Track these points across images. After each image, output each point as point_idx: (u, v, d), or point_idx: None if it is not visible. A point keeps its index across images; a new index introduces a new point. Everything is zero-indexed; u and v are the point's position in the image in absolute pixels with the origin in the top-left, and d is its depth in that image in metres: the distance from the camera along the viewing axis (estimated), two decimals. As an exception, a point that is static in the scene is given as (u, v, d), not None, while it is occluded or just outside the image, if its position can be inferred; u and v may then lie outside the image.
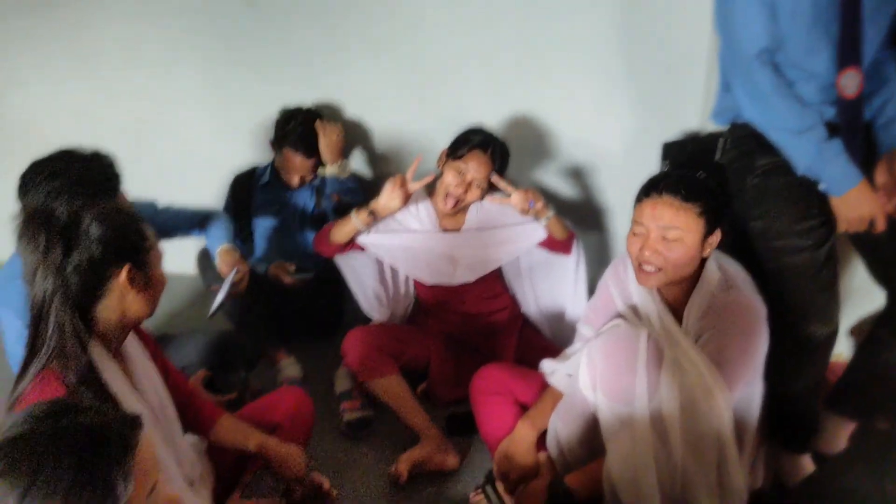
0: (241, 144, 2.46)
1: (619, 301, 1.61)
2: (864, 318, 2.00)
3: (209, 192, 2.35)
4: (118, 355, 1.22)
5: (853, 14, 1.33)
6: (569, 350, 1.67)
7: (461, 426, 1.90)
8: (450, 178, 1.91)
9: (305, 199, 2.32)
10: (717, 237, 1.45)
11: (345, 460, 1.85)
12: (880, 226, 1.36)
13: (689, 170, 1.56)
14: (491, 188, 1.97)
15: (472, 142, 1.91)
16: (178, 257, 2.28)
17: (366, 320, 2.07)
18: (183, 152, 2.58)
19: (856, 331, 2.10)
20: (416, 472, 1.75)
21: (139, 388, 1.24)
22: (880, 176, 1.42)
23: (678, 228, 1.39)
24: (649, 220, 1.42)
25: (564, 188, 2.33)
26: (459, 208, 1.96)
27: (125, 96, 2.52)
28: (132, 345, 1.28)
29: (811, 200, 1.42)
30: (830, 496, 1.16)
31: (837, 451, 1.59)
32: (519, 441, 1.59)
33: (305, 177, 2.27)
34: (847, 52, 1.36)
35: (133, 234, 1.16)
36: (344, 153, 2.27)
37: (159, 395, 1.31)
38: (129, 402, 1.18)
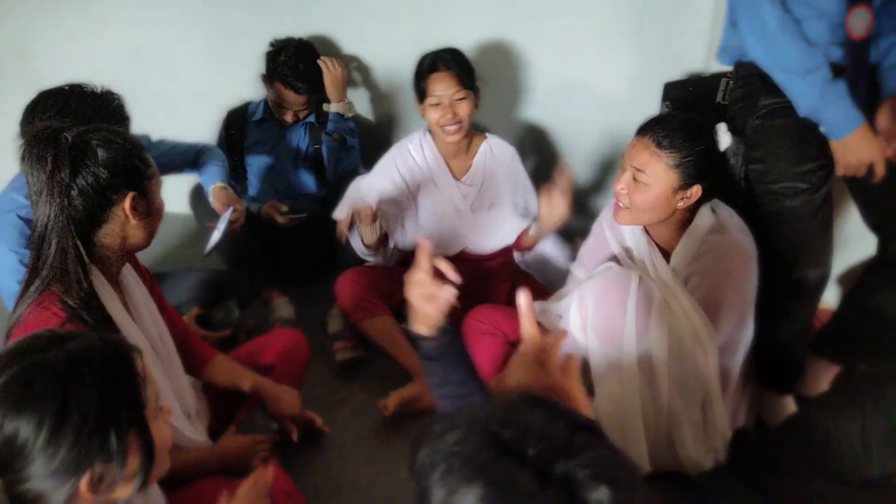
0: (236, 78, 2.38)
1: (613, 243, 1.61)
2: (853, 265, 2.01)
3: (203, 127, 2.31)
4: (116, 284, 1.22)
5: None
6: (561, 291, 1.68)
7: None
8: (433, 116, 1.85)
9: (300, 138, 2.28)
10: (695, 193, 1.43)
11: (337, 399, 1.88)
12: (880, 171, 1.35)
13: (691, 113, 1.54)
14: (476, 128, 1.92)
15: (423, 73, 1.84)
16: (170, 195, 2.27)
17: (359, 262, 2.06)
18: (176, 85, 2.51)
19: (844, 279, 2.11)
20: (404, 409, 1.78)
21: (137, 318, 1.25)
22: (882, 120, 1.39)
23: (646, 173, 1.41)
24: (629, 157, 1.46)
25: (566, 131, 2.29)
26: (464, 132, 1.88)
27: (118, 25, 2.44)
28: (130, 275, 1.28)
29: (811, 143, 1.40)
30: (812, 435, 1.19)
31: (819, 393, 1.62)
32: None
33: (299, 113, 2.22)
34: None
35: (138, 161, 1.15)
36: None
37: (158, 327, 1.32)
38: (129, 330, 1.20)
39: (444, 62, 1.82)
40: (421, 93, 1.85)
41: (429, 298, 1.00)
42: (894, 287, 1.50)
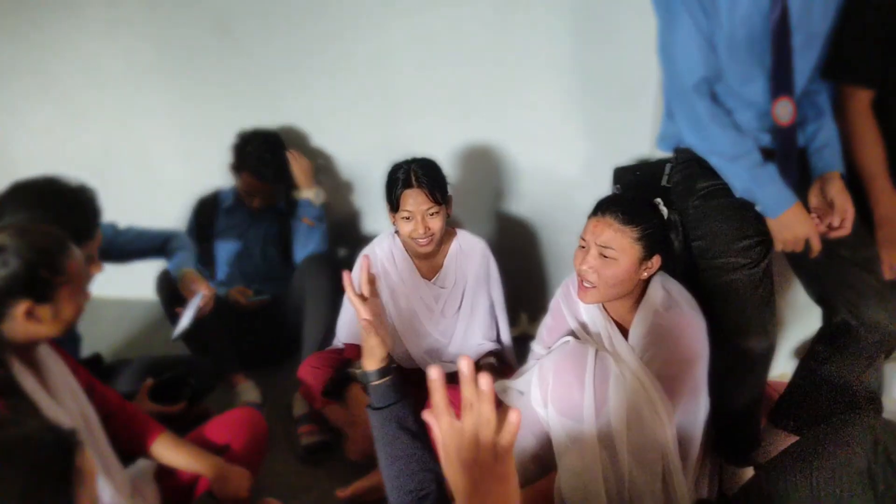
0: (206, 168, 2.47)
1: (569, 319, 1.66)
2: (808, 338, 2.08)
3: (173, 216, 2.36)
4: (32, 365, 1.23)
5: (784, 46, 1.42)
6: (522, 368, 1.71)
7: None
8: (405, 229, 1.84)
9: (269, 224, 2.34)
10: (655, 262, 1.51)
11: (301, 485, 1.84)
12: (815, 246, 1.43)
13: (639, 194, 1.64)
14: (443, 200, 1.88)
15: (395, 186, 1.82)
16: (135, 281, 2.29)
17: (323, 345, 2.06)
18: (147, 175, 2.59)
19: (800, 351, 2.17)
20: (370, 497, 1.73)
21: (56, 397, 1.24)
22: (813, 198, 1.50)
23: (614, 249, 1.47)
24: (591, 237, 1.50)
25: (523, 214, 2.39)
26: (435, 243, 1.88)
27: (90, 117, 2.53)
28: (48, 355, 1.29)
29: (748, 221, 1.49)
30: (765, 498, 1.20)
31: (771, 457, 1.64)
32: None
33: (268, 200, 2.29)
34: (780, 81, 1.45)
35: (46, 270, 1.17)
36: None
37: (80, 405, 1.30)
38: (50, 411, 1.19)
39: (416, 178, 1.80)
40: (393, 203, 1.84)
41: (371, 318, 1.08)
42: (841, 357, 1.56)
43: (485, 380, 0.75)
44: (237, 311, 2.18)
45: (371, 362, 1.14)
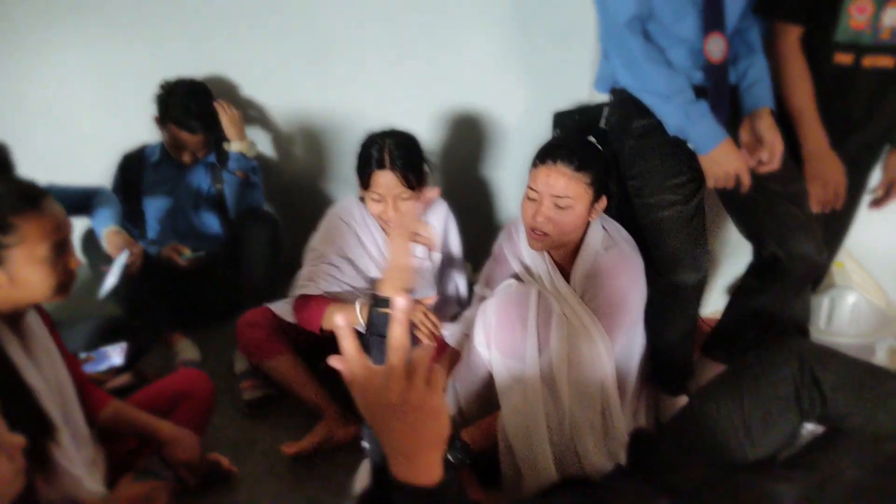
0: (131, 121, 2.33)
1: (512, 262, 1.67)
2: (741, 274, 2.16)
3: (97, 174, 2.23)
4: (17, 329, 1.19)
5: None
6: (466, 312, 1.71)
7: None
8: (374, 209, 1.74)
9: (200, 178, 2.24)
10: (602, 204, 1.53)
11: (245, 440, 1.81)
12: (745, 181, 1.47)
13: (582, 137, 1.64)
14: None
15: (368, 164, 1.69)
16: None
17: (261, 301, 2.01)
18: (66, 129, 2.42)
19: (732, 288, 2.26)
20: (317, 450, 1.73)
21: (37, 363, 1.21)
22: (744, 135, 1.53)
23: (570, 197, 1.46)
24: (543, 188, 1.48)
25: (463, 158, 2.36)
26: None
27: (3, 75, 2.34)
28: (35, 321, 1.25)
29: (681, 159, 1.51)
30: (698, 426, 1.25)
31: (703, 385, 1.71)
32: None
33: (198, 153, 2.19)
34: (710, 18, 1.46)
35: None
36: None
37: (57, 372, 1.27)
38: (29, 375, 1.16)
39: (391, 158, 1.66)
40: (364, 181, 1.72)
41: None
42: (769, 289, 1.62)
43: (400, 301, 0.70)
44: (171, 269, 2.10)
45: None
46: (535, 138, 1.69)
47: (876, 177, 1.74)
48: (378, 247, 1.86)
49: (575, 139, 1.58)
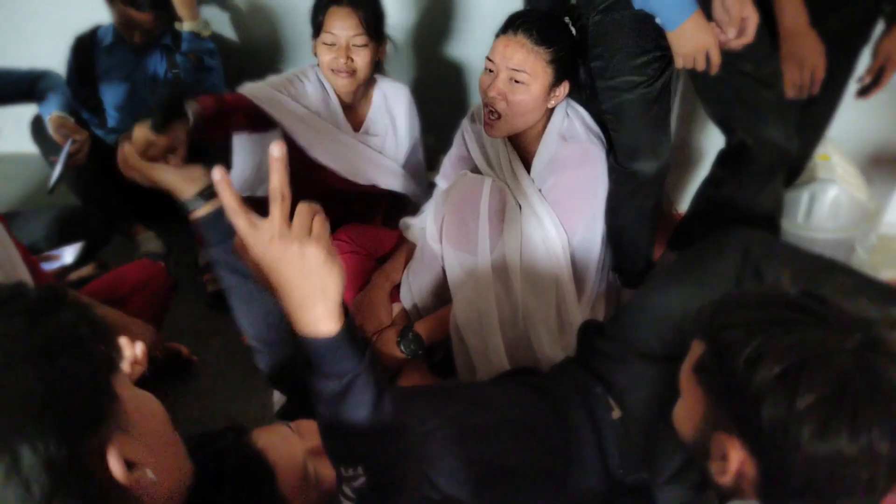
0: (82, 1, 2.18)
1: (473, 150, 1.60)
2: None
3: (47, 56, 2.11)
4: None
5: None
6: (425, 205, 1.66)
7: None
8: (324, 58, 1.58)
9: (156, 63, 2.12)
10: (564, 89, 1.43)
11: (210, 329, 1.83)
12: (715, 58, 1.34)
13: (551, 11, 1.50)
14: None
15: (323, 3, 1.58)
16: (10, 132, 2.10)
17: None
18: (15, 12, 2.28)
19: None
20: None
21: None
22: (717, 10, 1.39)
23: (526, 72, 1.36)
24: (500, 59, 1.39)
25: (426, 37, 2.22)
26: (358, 82, 1.63)
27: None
28: None
29: (647, 35, 1.39)
30: (639, 313, 1.23)
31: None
32: (374, 293, 1.59)
33: (151, 34, 2.05)
34: None
35: None
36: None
37: (15, 266, 1.25)
38: None
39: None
40: (317, 26, 1.58)
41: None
42: (737, 178, 1.54)
43: (275, 149, 0.67)
44: (131, 159, 2.03)
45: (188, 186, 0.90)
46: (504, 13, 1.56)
47: (864, 62, 1.61)
48: (329, 126, 1.70)
49: (540, 12, 1.45)
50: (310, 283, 0.68)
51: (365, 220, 1.89)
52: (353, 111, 1.75)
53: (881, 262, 2.20)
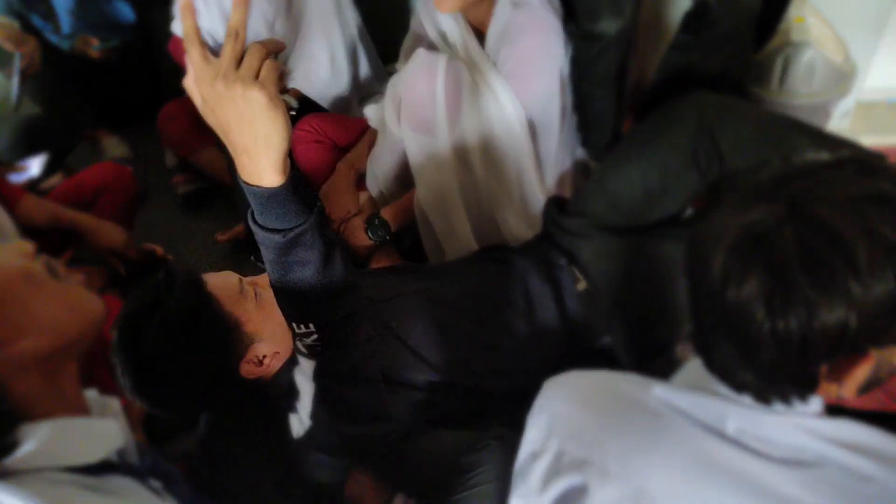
0: None
1: (429, 29, 1.54)
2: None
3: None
4: None
5: None
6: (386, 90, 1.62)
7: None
8: None
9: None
10: None
11: (184, 232, 1.85)
12: None
13: None
14: None
15: None
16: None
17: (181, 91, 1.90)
18: None
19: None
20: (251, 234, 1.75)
21: None
22: None
23: None
24: None
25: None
26: None
27: None
28: None
29: None
30: (599, 186, 1.24)
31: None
32: (339, 181, 1.59)
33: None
34: None
35: None
36: None
37: None
38: None
39: None
40: None
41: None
42: (701, 43, 1.48)
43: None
44: (87, 63, 1.97)
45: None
46: None
47: None
48: None
49: None
50: (252, 128, 0.68)
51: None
52: None
53: (860, 129, 2.18)
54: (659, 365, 1.24)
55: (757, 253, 0.55)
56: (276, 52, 0.71)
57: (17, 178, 1.74)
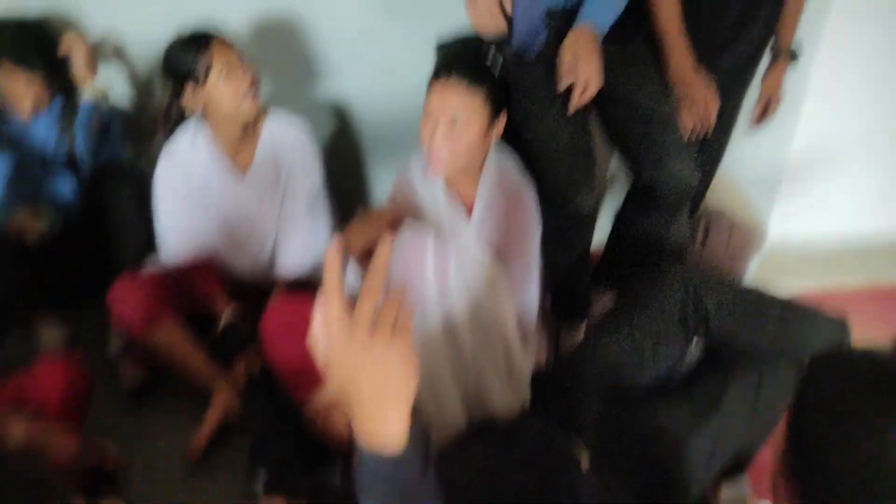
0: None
1: (413, 201, 1.60)
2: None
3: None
4: None
5: None
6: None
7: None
8: (227, 89, 1.63)
9: (45, 134, 1.95)
10: (501, 123, 1.47)
11: (133, 431, 1.67)
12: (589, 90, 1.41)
13: (470, 52, 1.55)
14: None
15: (191, 50, 1.62)
16: None
17: (137, 267, 1.82)
18: None
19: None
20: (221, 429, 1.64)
21: None
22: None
23: (466, 112, 1.39)
24: (438, 106, 1.41)
25: (339, 98, 2.22)
26: (258, 98, 1.69)
27: None
28: None
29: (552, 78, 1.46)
30: (595, 356, 1.29)
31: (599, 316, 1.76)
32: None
33: (40, 102, 1.89)
34: None
35: None
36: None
37: None
38: None
39: (217, 36, 1.64)
40: (192, 71, 1.60)
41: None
42: (647, 213, 1.64)
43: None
44: (22, 241, 1.85)
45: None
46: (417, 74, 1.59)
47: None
48: (211, 178, 1.72)
49: (466, 53, 1.50)
50: (386, 381, 0.62)
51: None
52: (239, 153, 1.75)
53: (773, 273, 2.44)
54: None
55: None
56: None
57: None
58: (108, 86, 1.93)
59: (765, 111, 1.75)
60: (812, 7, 1.75)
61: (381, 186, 2.38)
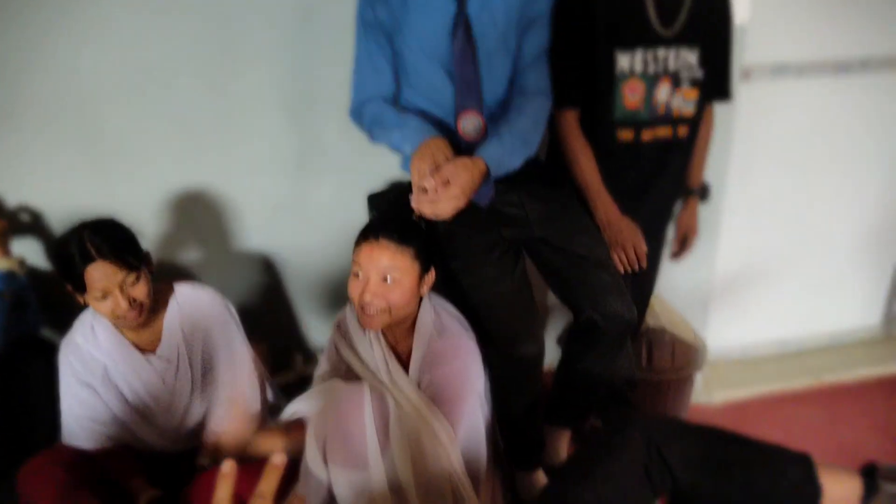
0: None
1: (346, 354, 1.56)
2: (567, 327, 2.22)
3: None
4: None
5: (466, 60, 1.47)
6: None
7: None
8: (103, 309, 1.47)
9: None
10: (431, 276, 1.49)
11: None
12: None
13: (400, 214, 1.58)
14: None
15: (72, 263, 1.43)
16: None
17: (49, 445, 1.66)
18: None
19: (562, 339, 2.33)
20: None
21: None
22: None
23: (397, 270, 1.40)
24: (368, 264, 1.41)
25: (265, 250, 2.23)
26: (147, 311, 1.54)
27: None
28: None
29: (494, 229, 1.51)
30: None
31: (562, 460, 1.70)
32: None
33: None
34: (464, 95, 1.50)
35: None
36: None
37: None
38: None
39: (97, 249, 1.42)
40: (76, 284, 1.45)
41: None
42: (592, 351, 1.63)
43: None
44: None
45: None
46: (348, 221, 1.61)
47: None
48: (115, 363, 1.60)
49: (393, 215, 1.53)
50: None
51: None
52: (144, 334, 1.63)
53: (713, 385, 2.46)
54: None
55: None
56: None
57: None
58: (23, 259, 1.87)
59: (683, 245, 1.85)
60: (717, 147, 1.92)
61: (316, 336, 2.35)
